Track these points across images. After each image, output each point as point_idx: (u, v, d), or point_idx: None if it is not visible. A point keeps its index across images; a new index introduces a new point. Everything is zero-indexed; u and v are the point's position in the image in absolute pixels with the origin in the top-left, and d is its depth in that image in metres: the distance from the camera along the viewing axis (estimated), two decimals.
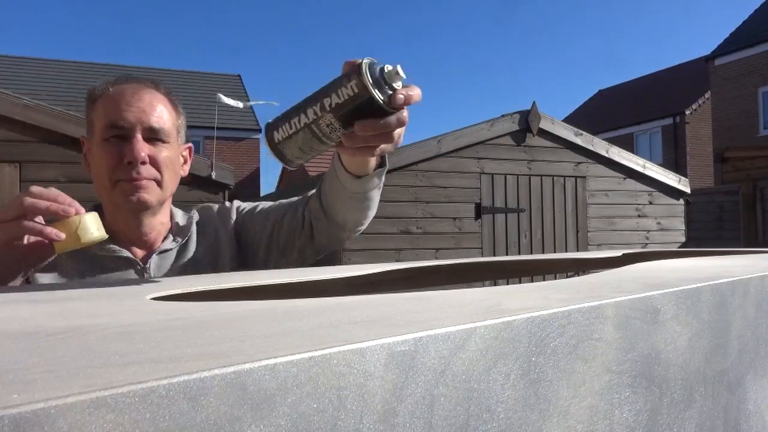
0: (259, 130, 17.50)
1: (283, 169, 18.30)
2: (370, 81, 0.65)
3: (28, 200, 0.77)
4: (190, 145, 1.09)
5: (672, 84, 20.18)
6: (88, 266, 0.96)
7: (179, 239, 1.04)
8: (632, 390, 0.44)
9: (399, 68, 0.67)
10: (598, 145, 5.68)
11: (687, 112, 18.10)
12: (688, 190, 6.22)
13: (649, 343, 0.46)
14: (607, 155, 5.71)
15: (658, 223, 6.01)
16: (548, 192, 5.45)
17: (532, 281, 0.69)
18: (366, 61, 0.66)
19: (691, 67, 20.16)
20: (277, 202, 1.09)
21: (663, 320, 0.48)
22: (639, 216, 5.91)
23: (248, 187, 16.53)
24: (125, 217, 0.99)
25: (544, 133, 5.45)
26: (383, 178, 0.91)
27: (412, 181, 4.90)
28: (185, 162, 1.08)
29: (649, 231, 5.95)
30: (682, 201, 6.18)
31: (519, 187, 5.32)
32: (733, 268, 0.71)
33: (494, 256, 4.70)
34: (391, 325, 0.33)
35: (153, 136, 0.97)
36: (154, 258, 1.00)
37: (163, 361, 0.25)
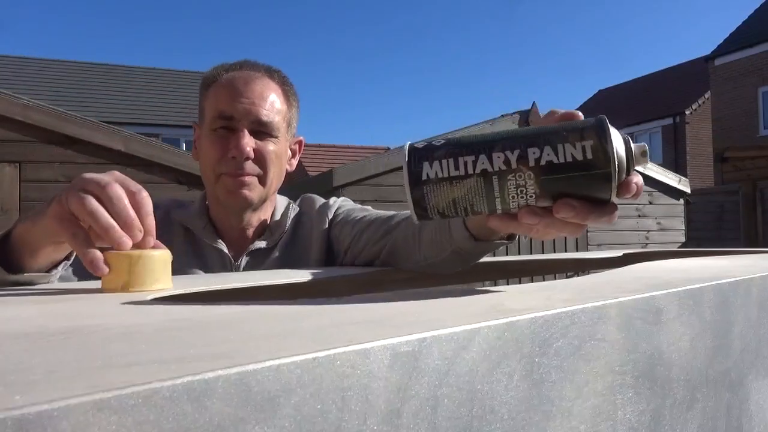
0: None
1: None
2: (616, 153, 0.47)
3: (89, 205, 0.56)
4: (301, 138, 1.04)
5: (672, 84, 20.18)
6: (185, 244, 0.96)
7: (273, 238, 0.99)
8: (635, 390, 0.44)
9: (647, 148, 0.51)
10: None
11: (687, 112, 18.11)
12: (688, 190, 6.21)
13: (651, 343, 0.46)
14: None
15: (658, 223, 6.01)
16: None
17: (532, 281, 0.69)
18: (611, 127, 0.48)
19: (691, 67, 20.16)
20: (373, 218, 0.94)
21: (665, 320, 0.48)
22: (639, 216, 5.91)
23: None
24: (225, 212, 0.97)
25: None
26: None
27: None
28: (294, 155, 1.04)
29: (649, 231, 5.95)
30: (682, 201, 6.18)
31: None
32: (734, 269, 0.71)
33: (494, 256, 4.69)
34: (395, 325, 0.33)
35: (260, 129, 0.93)
36: (245, 259, 0.97)
37: (166, 362, 0.25)
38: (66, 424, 0.19)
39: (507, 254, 5.23)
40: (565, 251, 5.42)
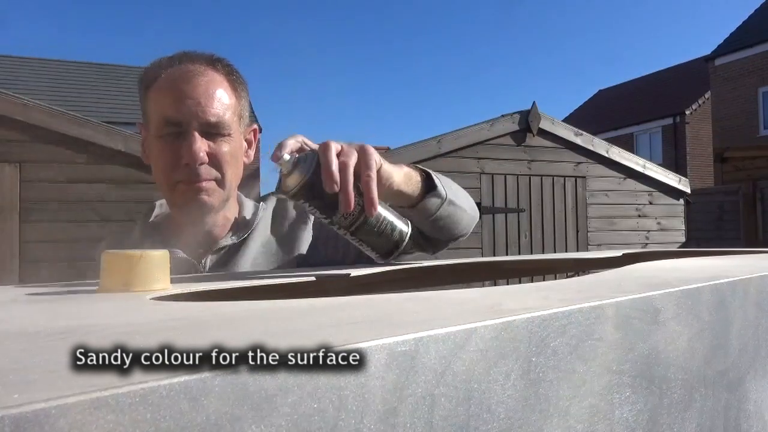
0: (260, 130, 17.46)
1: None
2: (283, 188, 0.70)
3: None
4: (255, 126, 1.00)
5: (672, 84, 20.18)
6: None
7: (240, 235, 0.96)
8: (632, 390, 0.44)
9: (282, 156, 0.69)
10: (598, 145, 5.68)
11: (687, 112, 18.11)
12: (688, 190, 6.22)
13: (649, 343, 0.46)
14: (607, 155, 5.71)
15: (658, 223, 6.01)
16: (548, 192, 5.45)
17: (532, 281, 0.69)
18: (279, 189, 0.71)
19: (691, 67, 20.16)
20: None
21: (663, 320, 0.48)
22: (639, 216, 5.91)
23: (246, 187, 16.49)
24: (188, 217, 0.93)
25: (544, 133, 5.45)
26: (445, 192, 0.84)
27: None
28: (249, 146, 1.00)
29: (649, 231, 5.95)
30: (682, 201, 6.18)
31: (519, 187, 5.32)
32: (733, 268, 0.72)
33: (494, 256, 4.70)
34: (392, 325, 0.33)
35: (211, 130, 0.88)
36: (211, 257, 0.95)
37: None
38: (63, 423, 0.19)
39: (507, 254, 5.23)
40: (566, 251, 5.42)
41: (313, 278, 0.75)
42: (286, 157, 0.69)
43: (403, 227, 0.78)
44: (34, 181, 3.91)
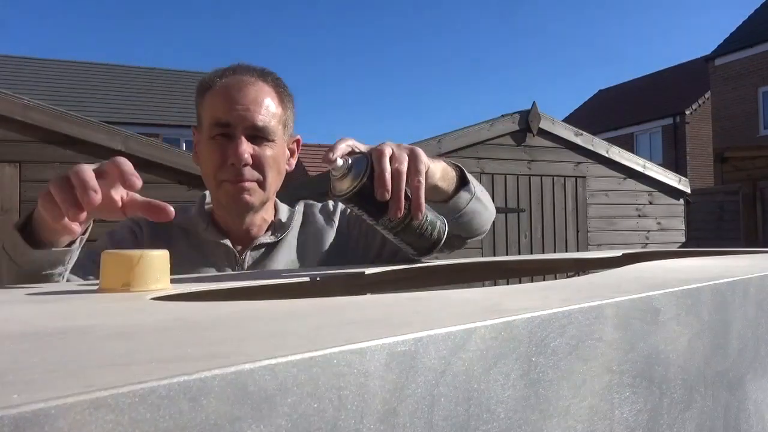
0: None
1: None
2: (335, 192, 0.72)
3: (56, 184, 0.65)
4: (298, 137, 1.07)
5: (672, 84, 20.18)
6: (187, 246, 1.01)
7: (278, 234, 1.04)
8: (632, 390, 0.44)
9: (335, 160, 0.70)
10: (598, 145, 5.68)
11: (687, 112, 18.11)
12: (689, 190, 6.22)
13: (649, 343, 0.46)
14: (607, 155, 5.71)
15: (658, 223, 6.01)
16: (548, 192, 5.45)
17: (532, 281, 0.69)
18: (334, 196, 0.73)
19: (691, 67, 20.17)
20: None
21: (663, 320, 0.48)
22: (639, 216, 5.91)
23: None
24: (229, 214, 1.01)
25: (544, 133, 5.45)
26: (474, 188, 0.89)
27: None
28: (292, 155, 1.08)
29: (649, 231, 5.95)
30: (682, 201, 6.18)
31: (519, 187, 5.32)
32: (733, 268, 0.71)
33: (494, 256, 4.70)
34: (391, 325, 0.33)
35: (257, 134, 0.96)
36: (250, 253, 1.02)
37: (163, 361, 0.25)
38: (63, 423, 0.19)
39: (507, 254, 5.23)
40: (566, 251, 5.42)
41: (313, 278, 0.75)
42: (339, 162, 0.70)
43: (443, 227, 0.81)
44: (34, 181, 3.91)
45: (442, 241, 0.81)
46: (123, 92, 16.62)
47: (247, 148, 0.94)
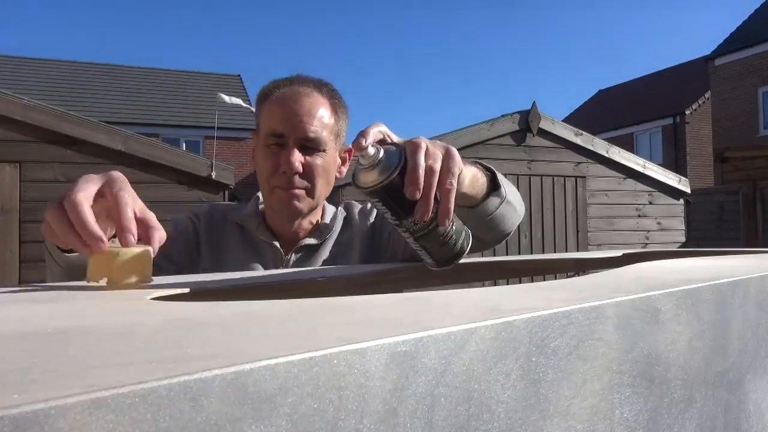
0: None
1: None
2: (361, 183, 0.65)
3: (54, 218, 0.62)
4: (350, 147, 1.09)
5: (672, 84, 20.18)
6: (241, 240, 1.08)
7: (320, 237, 1.10)
8: (633, 390, 0.44)
9: (367, 148, 0.63)
10: (598, 145, 5.68)
11: (687, 112, 18.10)
12: (688, 190, 6.22)
13: (649, 343, 0.46)
14: (607, 155, 5.71)
15: (658, 223, 6.01)
16: (548, 192, 5.45)
17: (532, 281, 0.69)
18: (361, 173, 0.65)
19: (691, 67, 20.16)
20: None
21: (663, 320, 0.48)
22: (639, 216, 5.91)
23: (248, 187, 16.53)
24: (279, 217, 1.07)
25: (544, 133, 5.44)
26: (505, 192, 0.85)
27: None
28: (343, 163, 1.12)
29: (649, 231, 5.95)
30: (682, 201, 6.18)
31: (519, 187, 5.30)
32: (733, 268, 0.71)
33: (494, 256, 4.69)
34: (392, 325, 0.33)
35: (309, 145, 1.01)
36: (294, 254, 1.08)
37: (163, 361, 0.25)
38: (63, 423, 0.19)
39: (507, 254, 5.23)
40: (566, 251, 5.42)
41: (313, 279, 0.75)
42: (371, 150, 0.63)
43: (466, 241, 0.75)
44: (34, 181, 3.91)
45: (463, 255, 0.74)
46: (123, 92, 16.62)
47: (298, 158, 1.00)
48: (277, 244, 1.07)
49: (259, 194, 1.13)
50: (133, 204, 0.62)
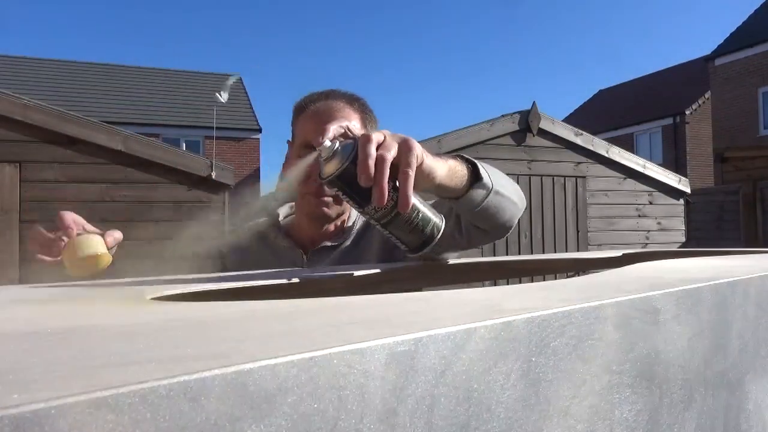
0: (259, 130, 17.49)
1: (284, 170, 18.24)
2: (321, 174, 0.72)
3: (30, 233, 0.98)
4: None
5: (672, 84, 20.17)
6: (262, 246, 1.16)
7: (339, 239, 1.16)
8: (632, 390, 0.44)
9: (324, 143, 0.71)
10: (598, 145, 5.68)
11: (687, 112, 18.10)
12: (689, 190, 6.21)
13: (649, 343, 0.46)
14: (607, 155, 5.71)
15: (658, 223, 6.01)
16: (548, 192, 5.45)
17: (532, 281, 0.69)
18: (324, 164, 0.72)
19: (691, 67, 20.16)
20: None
21: (663, 320, 0.48)
22: (639, 216, 5.91)
23: (248, 187, 16.50)
24: (308, 221, 1.15)
25: (544, 133, 5.44)
26: (491, 183, 0.86)
27: None
28: None
29: (649, 231, 5.95)
30: (682, 201, 6.18)
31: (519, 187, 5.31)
32: (733, 268, 0.71)
33: (494, 255, 4.70)
34: (392, 325, 0.33)
35: None
36: (312, 255, 1.15)
37: (163, 361, 0.25)
38: (63, 423, 0.19)
39: (507, 254, 5.23)
40: (566, 251, 5.42)
41: (313, 279, 0.75)
42: (327, 143, 0.70)
43: (438, 224, 0.78)
44: (34, 181, 3.91)
45: (436, 239, 0.78)
46: (123, 92, 16.62)
47: None
48: (294, 246, 1.15)
49: (283, 207, 1.23)
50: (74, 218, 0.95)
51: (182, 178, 4.18)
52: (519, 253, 5.25)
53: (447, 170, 0.79)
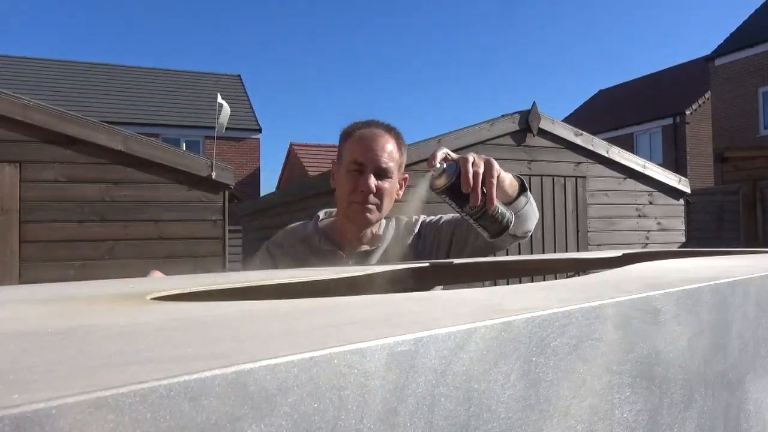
0: (259, 130, 17.49)
1: (283, 170, 18.32)
2: (434, 186, 1.04)
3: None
4: (406, 176, 1.45)
5: (672, 84, 20.17)
6: (306, 251, 1.35)
7: (375, 244, 1.38)
8: (632, 390, 0.44)
9: (435, 164, 1.02)
10: (598, 145, 5.68)
11: (687, 112, 18.10)
12: (689, 190, 6.21)
13: (649, 343, 0.46)
14: (607, 155, 5.71)
15: (658, 223, 6.01)
16: (548, 192, 5.45)
17: (532, 281, 0.69)
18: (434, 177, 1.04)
19: (691, 67, 20.16)
20: (456, 219, 1.38)
21: (663, 320, 0.48)
22: (639, 216, 5.91)
23: (248, 187, 16.53)
24: (351, 226, 1.36)
25: (544, 133, 5.44)
26: (530, 196, 1.21)
27: (413, 180, 4.89)
28: (401, 187, 1.43)
29: (649, 231, 5.95)
30: (682, 201, 6.18)
31: None
32: (733, 268, 0.71)
33: (494, 256, 4.68)
34: (392, 325, 0.33)
35: (380, 173, 1.32)
36: (353, 258, 1.35)
37: (163, 361, 0.25)
38: (63, 423, 0.19)
39: (507, 254, 5.22)
40: (566, 251, 5.42)
41: (313, 278, 0.75)
42: (438, 165, 1.02)
43: (510, 217, 1.09)
44: (34, 181, 3.91)
45: (510, 227, 1.09)
46: (123, 92, 16.62)
47: (373, 182, 1.31)
48: (336, 250, 1.35)
49: (319, 214, 1.46)
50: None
51: (182, 178, 4.18)
52: (519, 253, 5.24)
53: (509, 181, 1.15)
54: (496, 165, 1.04)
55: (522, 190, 1.20)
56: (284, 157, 18.32)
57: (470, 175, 1.00)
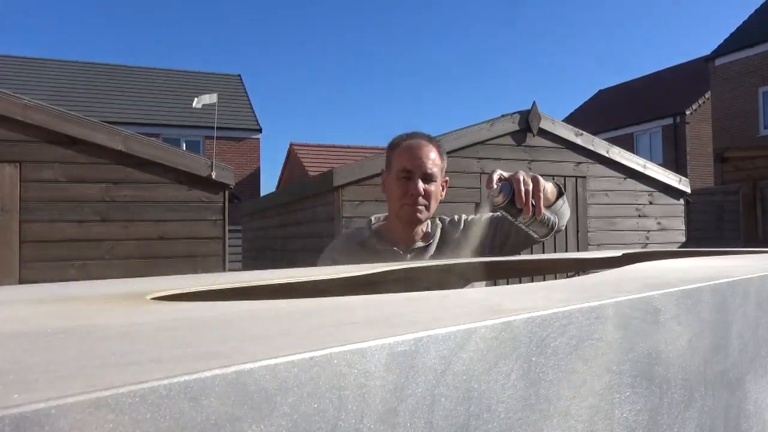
0: (260, 130, 17.49)
1: (283, 170, 18.32)
2: (495, 203, 1.25)
3: None
4: (447, 179, 1.62)
5: (672, 84, 20.16)
6: (363, 252, 1.50)
7: (427, 240, 1.55)
8: (633, 390, 0.44)
9: (493, 186, 1.23)
10: (599, 145, 5.68)
11: (687, 112, 18.09)
12: (689, 190, 6.21)
13: (649, 343, 0.46)
14: (607, 155, 5.71)
15: (659, 223, 6.01)
16: None
17: (532, 281, 0.69)
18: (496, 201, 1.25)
19: (691, 67, 20.15)
20: (498, 217, 1.57)
21: (663, 320, 0.48)
22: (639, 216, 5.91)
23: (248, 187, 16.53)
24: (403, 226, 1.53)
25: (544, 133, 5.44)
26: (565, 197, 1.44)
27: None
28: (442, 189, 1.60)
29: (649, 231, 5.95)
30: (682, 201, 6.18)
31: None
32: (733, 268, 0.71)
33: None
34: (392, 325, 0.33)
35: (427, 178, 1.50)
36: (410, 254, 1.52)
37: (163, 361, 0.25)
38: (64, 423, 0.19)
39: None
40: (566, 251, 5.42)
41: (313, 278, 0.75)
42: (495, 186, 1.22)
43: (555, 220, 1.33)
44: (34, 181, 3.91)
45: (554, 230, 1.34)
46: (123, 92, 16.62)
47: (421, 186, 1.48)
48: (393, 247, 1.52)
49: (372, 218, 1.63)
50: None
51: (182, 178, 4.18)
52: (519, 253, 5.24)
53: (550, 189, 1.37)
54: (541, 180, 1.26)
55: (560, 194, 1.44)
56: (284, 157, 18.32)
57: (522, 193, 1.22)
